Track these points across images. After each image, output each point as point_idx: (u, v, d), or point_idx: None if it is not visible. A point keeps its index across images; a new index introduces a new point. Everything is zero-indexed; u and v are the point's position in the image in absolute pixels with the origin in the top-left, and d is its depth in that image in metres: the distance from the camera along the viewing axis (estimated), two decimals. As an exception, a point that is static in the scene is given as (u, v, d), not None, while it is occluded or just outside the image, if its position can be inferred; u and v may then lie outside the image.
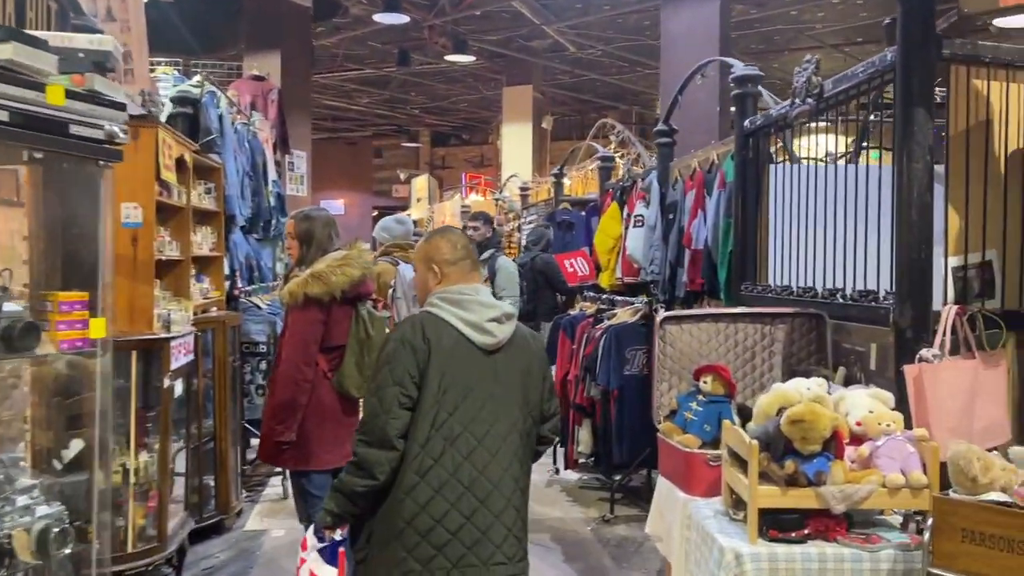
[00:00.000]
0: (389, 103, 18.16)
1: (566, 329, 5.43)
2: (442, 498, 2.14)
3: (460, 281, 2.36)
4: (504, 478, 2.22)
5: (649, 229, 5.52)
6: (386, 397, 2.16)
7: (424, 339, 2.21)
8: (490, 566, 2.16)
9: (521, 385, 2.32)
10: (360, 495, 2.18)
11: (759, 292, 3.81)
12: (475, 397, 2.22)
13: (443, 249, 2.39)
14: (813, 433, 2.23)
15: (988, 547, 1.85)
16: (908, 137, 2.58)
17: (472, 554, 2.15)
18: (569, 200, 8.57)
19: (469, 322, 2.27)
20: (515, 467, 2.26)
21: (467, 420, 2.20)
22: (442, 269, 2.37)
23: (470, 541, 2.15)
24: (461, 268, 2.38)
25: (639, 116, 17.69)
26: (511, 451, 2.25)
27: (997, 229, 2.68)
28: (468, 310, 2.29)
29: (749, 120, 3.99)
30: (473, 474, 2.17)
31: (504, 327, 2.31)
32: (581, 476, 5.61)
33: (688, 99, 5.70)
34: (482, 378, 2.25)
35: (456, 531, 2.14)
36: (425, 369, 2.17)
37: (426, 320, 2.27)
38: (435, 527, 2.13)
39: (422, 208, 15.23)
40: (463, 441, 2.18)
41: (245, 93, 7.82)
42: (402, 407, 2.16)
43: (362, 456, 2.16)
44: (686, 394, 3.01)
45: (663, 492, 3.05)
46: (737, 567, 2.19)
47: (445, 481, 2.15)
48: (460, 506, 2.15)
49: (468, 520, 2.15)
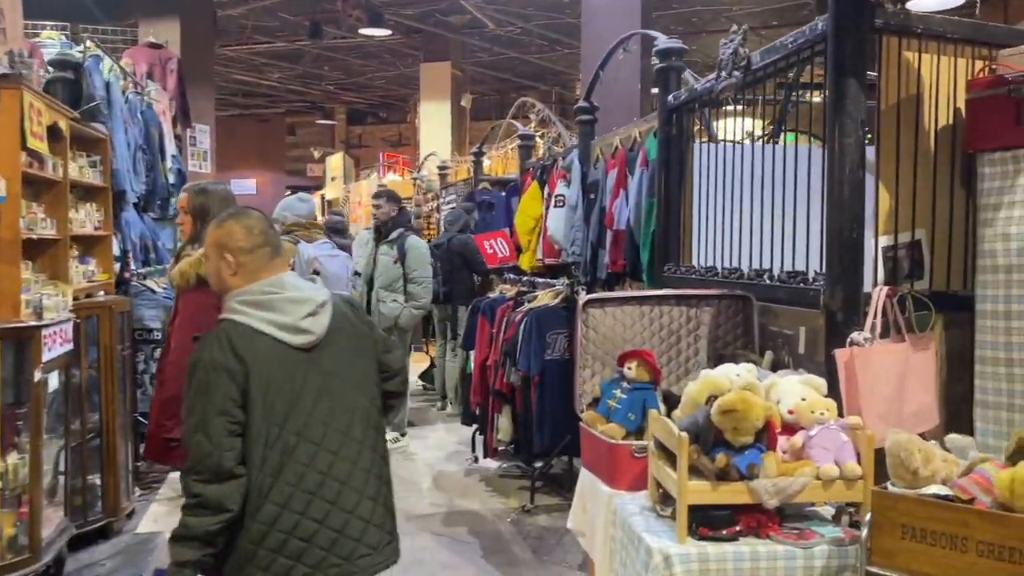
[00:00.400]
0: (302, 79, 17.50)
1: (485, 313, 5.23)
2: (290, 511, 2.01)
3: (260, 273, 2.11)
4: (353, 472, 2.10)
5: (570, 209, 5.37)
6: (213, 431, 1.96)
7: (237, 358, 1.99)
8: (354, 560, 2.08)
9: (356, 368, 2.18)
10: (217, 532, 1.97)
11: (683, 274, 3.69)
12: (305, 402, 2.06)
13: (236, 235, 2.13)
14: (745, 423, 2.09)
15: (929, 544, 1.74)
16: (840, 111, 2.46)
17: (332, 555, 2.05)
18: (489, 180, 8.36)
19: (282, 325, 2.06)
20: (365, 456, 2.14)
21: (300, 427, 2.04)
22: (236, 258, 2.11)
23: (327, 543, 2.04)
24: (259, 257, 2.13)
25: (559, 96, 17.56)
26: (356, 442, 2.13)
27: (926, 208, 2.60)
28: (278, 311, 2.07)
29: (673, 95, 3.85)
30: (317, 479, 2.05)
31: (321, 318, 2.12)
32: (501, 464, 5.44)
33: (609, 76, 5.54)
34: (308, 379, 2.07)
35: (311, 537, 2.02)
36: (247, 390, 2.00)
37: (232, 333, 2.03)
38: (288, 539, 2.01)
39: (337, 188, 14.75)
40: (301, 450, 2.04)
41: (141, 61, 7.28)
42: (232, 435, 1.97)
43: (206, 496, 1.95)
44: (610, 381, 2.86)
45: (586, 485, 2.89)
46: (666, 569, 2.04)
47: (289, 495, 2.02)
48: (310, 513, 2.03)
49: (321, 524, 2.04)
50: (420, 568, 3.89)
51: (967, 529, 1.69)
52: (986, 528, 1.67)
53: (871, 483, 2.06)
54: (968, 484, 1.80)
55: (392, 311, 5.80)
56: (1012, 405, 2.39)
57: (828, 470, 2.08)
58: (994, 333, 2.43)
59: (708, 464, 2.12)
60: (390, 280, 5.85)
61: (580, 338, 2.99)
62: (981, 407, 2.48)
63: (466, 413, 5.60)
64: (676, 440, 2.11)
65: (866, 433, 2.10)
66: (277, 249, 2.19)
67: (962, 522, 1.70)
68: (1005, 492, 1.68)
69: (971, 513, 1.70)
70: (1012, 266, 2.38)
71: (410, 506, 4.78)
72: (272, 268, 2.14)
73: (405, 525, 4.44)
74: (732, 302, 3.05)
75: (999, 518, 1.66)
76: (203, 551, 1.97)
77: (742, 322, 3.06)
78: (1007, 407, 2.40)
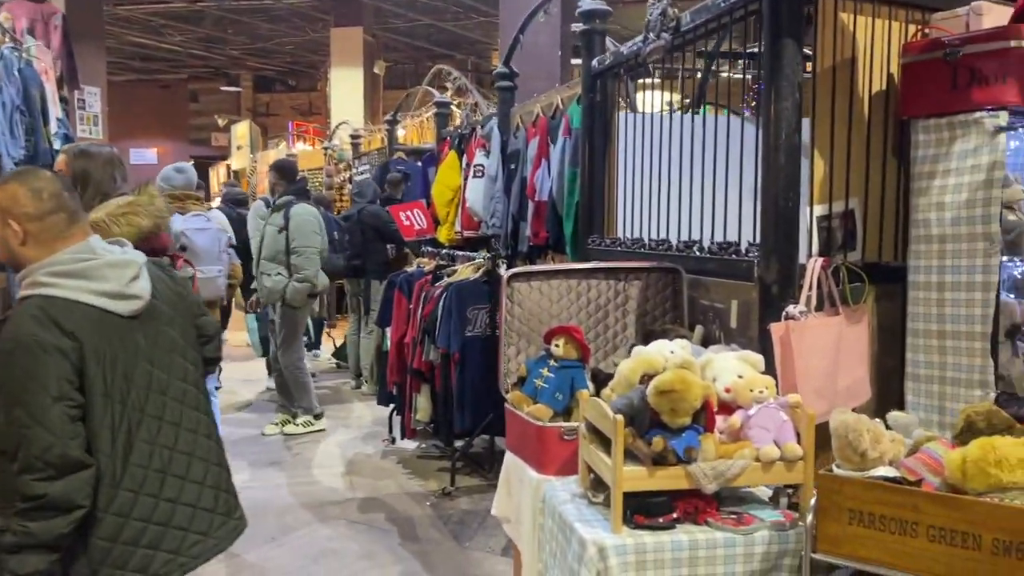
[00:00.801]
0: (205, 42, 16.62)
1: (402, 287, 5.00)
2: (145, 496, 1.89)
3: (55, 243, 1.86)
4: (197, 441, 2.02)
5: (490, 180, 5.18)
6: (52, 420, 1.73)
7: (66, 335, 1.78)
8: (213, 533, 2.01)
9: (179, 334, 2.05)
10: (67, 535, 1.76)
11: (608, 246, 3.56)
12: (141, 374, 1.90)
13: (21, 200, 1.86)
14: (683, 404, 1.96)
15: (878, 529, 1.65)
16: (776, 72, 2.34)
17: (191, 532, 1.97)
18: (404, 149, 8.07)
19: (106, 292, 1.86)
20: (202, 424, 2.06)
21: (142, 402, 1.91)
22: (23, 226, 1.86)
23: (185, 521, 1.96)
24: (51, 225, 1.87)
25: (475, 66, 17.26)
26: (193, 411, 2.03)
27: (860, 176, 2.52)
28: (98, 279, 1.86)
29: (597, 59, 3.68)
30: (166, 455, 1.94)
31: (144, 281, 1.95)
32: (419, 445, 5.25)
33: (529, 40, 5.35)
34: (140, 349, 1.91)
35: (168, 520, 1.92)
36: (82, 369, 1.81)
37: (51, 308, 1.79)
38: (147, 527, 1.88)
39: (244, 157, 14.10)
40: (146, 427, 1.91)
41: (21, 16, 6.68)
42: (75, 420, 1.78)
43: (51, 495, 1.71)
44: (536, 359, 2.71)
45: (511, 469, 2.74)
46: (600, 561, 1.90)
47: (143, 477, 1.88)
48: (165, 493, 1.92)
49: (176, 502, 1.95)
50: (333, 559, 3.68)
51: (917, 513, 1.61)
52: (937, 512, 1.59)
53: (812, 464, 1.96)
54: (915, 464, 1.72)
55: (276, 284, 5.42)
56: (944, 378, 2.35)
57: (768, 451, 1.98)
58: (926, 304, 2.38)
59: (644, 448, 1.98)
60: (274, 252, 5.45)
61: (504, 314, 2.81)
62: (912, 380, 2.43)
63: (382, 393, 5.37)
64: (611, 423, 1.96)
65: (806, 412, 2.00)
66: (75, 215, 1.92)
67: (912, 506, 1.62)
68: (956, 473, 1.60)
69: (921, 496, 1.62)
70: (946, 236, 2.32)
71: (323, 492, 4.55)
72: (71, 236, 1.89)
73: (318, 512, 4.24)
74: (661, 275, 2.93)
75: (951, 501, 1.58)
76: (51, 558, 1.74)
77: (671, 296, 2.94)
78: (939, 380, 2.36)
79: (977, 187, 2.24)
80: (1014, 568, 1.49)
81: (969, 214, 2.25)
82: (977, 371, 2.26)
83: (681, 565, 1.92)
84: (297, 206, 5.49)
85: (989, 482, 1.56)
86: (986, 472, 1.56)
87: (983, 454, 1.57)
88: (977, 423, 1.72)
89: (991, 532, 1.52)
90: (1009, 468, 1.55)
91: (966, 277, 2.27)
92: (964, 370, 2.28)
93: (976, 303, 2.26)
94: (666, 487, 1.97)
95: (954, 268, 2.30)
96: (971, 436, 1.68)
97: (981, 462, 1.57)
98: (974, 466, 1.58)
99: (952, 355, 2.33)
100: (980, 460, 1.57)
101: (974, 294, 2.26)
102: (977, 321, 2.25)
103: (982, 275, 2.24)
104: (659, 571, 1.92)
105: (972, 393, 2.26)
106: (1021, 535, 1.49)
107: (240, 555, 3.71)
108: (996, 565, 1.51)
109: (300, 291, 5.42)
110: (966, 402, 2.25)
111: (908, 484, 1.67)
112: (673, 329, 2.78)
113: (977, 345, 2.25)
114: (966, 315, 2.28)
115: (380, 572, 3.53)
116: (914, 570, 1.60)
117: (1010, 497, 1.54)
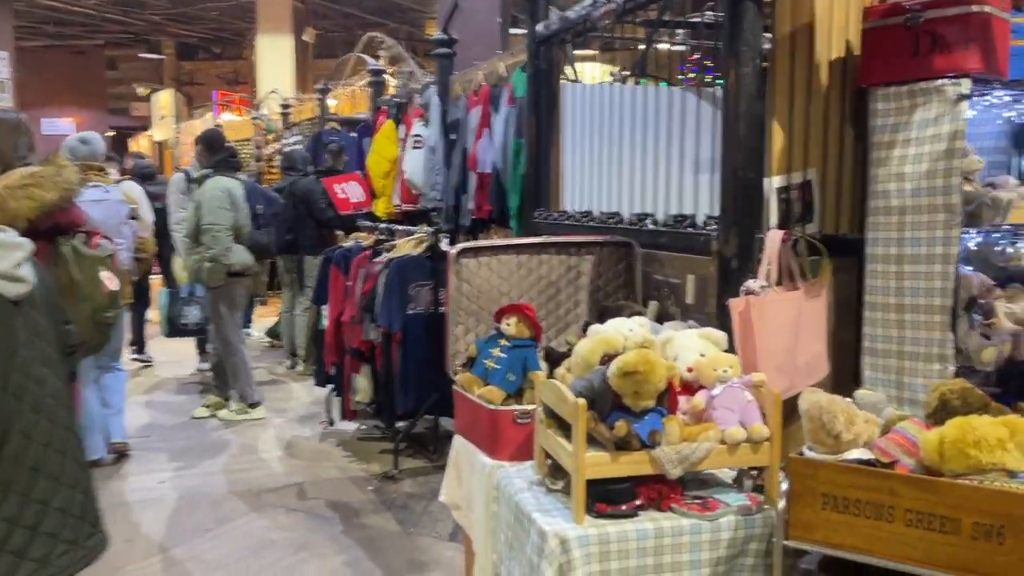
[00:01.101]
0: (122, 6, 15.78)
1: (339, 264, 4.78)
2: (16, 495, 1.68)
3: None
4: (69, 440, 1.82)
5: (429, 151, 5.00)
6: None
7: None
8: (81, 543, 1.80)
9: (49, 320, 1.87)
10: None
11: (555, 219, 3.44)
12: (22, 363, 1.72)
13: None
14: (647, 386, 1.86)
15: (853, 515, 1.58)
16: (736, 37, 2.25)
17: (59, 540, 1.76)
18: (337, 119, 7.77)
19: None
20: (73, 419, 1.87)
21: (21, 392, 1.70)
22: None
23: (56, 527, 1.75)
24: None
25: (409, 35, 16.83)
26: (64, 406, 1.83)
27: (818, 146, 2.45)
28: None
29: (544, 24, 3.53)
30: (40, 452, 1.73)
31: (30, 264, 1.79)
32: (359, 427, 5.07)
33: (468, 6, 5.16)
34: (20, 336, 1.74)
35: (37, 524, 1.71)
36: None
37: None
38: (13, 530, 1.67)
39: (167, 128, 13.49)
40: (23, 420, 1.70)
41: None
42: None
43: None
44: (486, 338, 2.58)
45: (460, 454, 2.61)
46: (563, 554, 1.80)
47: (12, 475, 1.68)
48: (35, 494, 1.72)
49: (47, 505, 1.74)
50: (271, 550, 3.50)
51: (894, 497, 1.54)
52: (915, 495, 1.52)
53: (779, 446, 1.89)
54: (888, 445, 1.66)
55: (195, 264, 5.16)
56: (902, 352, 2.31)
57: (734, 433, 1.90)
58: (884, 277, 2.33)
59: (606, 433, 1.88)
60: (192, 229, 5.19)
61: (452, 292, 2.67)
62: (869, 355, 2.39)
63: (320, 373, 5.17)
64: (571, 408, 1.85)
65: (773, 391, 1.93)
66: None
67: (889, 489, 1.55)
68: (933, 455, 1.54)
69: (898, 480, 1.55)
70: (906, 207, 2.27)
71: (259, 479, 4.35)
72: None
73: (254, 501, 4.05)
74: (614, 249, 2.82)
75: (929, 484, 1.52)
76: None
77: (624, 271, 2.85)
78: (896, 354, 2.32)
79: (938, 157, 2.19)
80: (994, 552, 1.44)
81: (930, 185, 2.20)
82: (936, 345, 2.22)
83: (646, 554, 1.83)
84: (211, 180, 5.17)
85: (968, 463, 1.50)
86: (965, 453, 1.50)
87: (961, 434, 1.52)
88: (951, 401, 1.67)
89: (971, 516, 1.47)
90: (988, 448, 1.49)
91: (926, 249, 2.23)
92: (923, 344, 2.25)
93: (936, 276, 2.21)
94: (629, 473, 1.88)
95: (913, 240, 2.25)
96: (945, 415, 1.63)
97: (959, 443, 1.51)
98: (952, 447, 1.52)
99: (911, 329, 2.29)
100: (958, 441, 1.51)
101: (934, 267, 2.22)
102: (936, 294, 2.21)
103: (942, 247, 2.19)
104: (623, 561, 1.83)
105: (931, 367, 2.23)
106: (1002, 518, 1.44)
107: (172, 548, 3.51)
108: (976, 550, 1.46)
109: (213, 271, 5.11)
110: (924, 376, 2.22)
111: (882, 466, 1.61)
112: (627, 305, 2.69)
113: (936, 318, 2.21)
114: (925, 288, 2.23)
115: (322, 563, 3.38)
116: (890, 556, 1.55)
117: (990, 479, 1.49)
